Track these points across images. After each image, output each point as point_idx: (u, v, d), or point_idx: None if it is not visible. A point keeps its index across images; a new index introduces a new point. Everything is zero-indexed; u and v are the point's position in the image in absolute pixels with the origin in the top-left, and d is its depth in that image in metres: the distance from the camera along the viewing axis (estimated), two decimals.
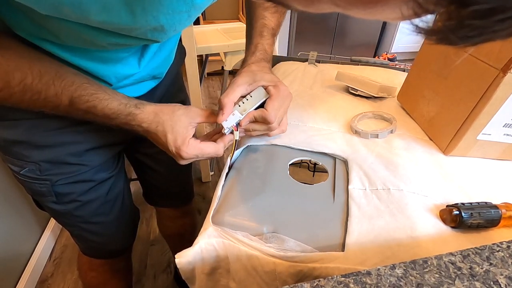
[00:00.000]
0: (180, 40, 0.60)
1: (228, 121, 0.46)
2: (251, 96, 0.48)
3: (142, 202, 0.87)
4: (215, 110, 0.48)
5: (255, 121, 0.49)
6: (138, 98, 0.56)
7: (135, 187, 1.07)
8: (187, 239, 1.01)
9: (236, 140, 0.48)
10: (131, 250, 0.82)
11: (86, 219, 0.61)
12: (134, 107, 0.44)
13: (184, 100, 0.72)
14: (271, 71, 0.52)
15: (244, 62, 0.52)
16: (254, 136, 0.53)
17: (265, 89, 0.49)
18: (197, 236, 0.39)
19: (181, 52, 0.67)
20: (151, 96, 0.59)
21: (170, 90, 0.65)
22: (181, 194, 0.87)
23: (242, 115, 0.47)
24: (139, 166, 0.76)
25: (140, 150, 0.71)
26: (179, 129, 0.45)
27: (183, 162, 0.48)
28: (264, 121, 0.48)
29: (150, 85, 0.57)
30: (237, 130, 0.47)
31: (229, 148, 0.50)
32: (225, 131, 0.47)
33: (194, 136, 0.48)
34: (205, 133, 0.53)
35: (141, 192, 0.85)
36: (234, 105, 0.47)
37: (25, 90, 0.37)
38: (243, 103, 0.47)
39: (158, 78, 0.57)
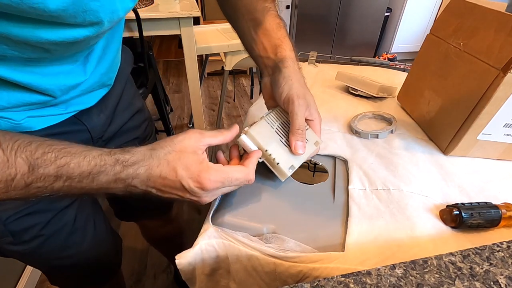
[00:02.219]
0: (123, 43, 0.55)
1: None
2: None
3: None
4: (223, 130, 0.40)
5: None
6: (89, 109, 0.48)
7: None
8: (177, 243, 0.96)
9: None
10: (119, 273, 0.74)
11: (56, 254, 0.52)
12: (121, 152, 0.34)
13: (141, 108, 0.65)
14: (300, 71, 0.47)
15: (278, 72, 0.44)
16: None
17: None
18: (187, 239, 0.39)
19: (126, 56, 0.60)
20: (105, 106, 0.52)
21: (125, 97, 0.59)
22: (160, 205, 0.79)
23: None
24: None
25: None
26: (188, 156, 0.35)
27: (206, 198, 0.36)
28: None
29: (101, 94, 0.50)
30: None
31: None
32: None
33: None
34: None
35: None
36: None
37: None
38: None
39: (107, 85, 0.51)
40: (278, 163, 0.41)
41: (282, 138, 0.44)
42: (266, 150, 0.41)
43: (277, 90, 0.44)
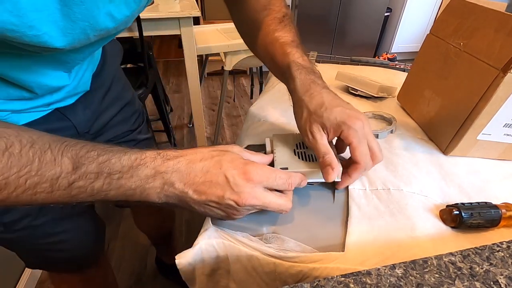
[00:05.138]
0: (121, 42, 0.59)
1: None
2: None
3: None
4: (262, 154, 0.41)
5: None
6: (73, 104, 0.49)
7: None
8: (166, 231, 1.00)
9: None
10: (103, 259, 0.77)
11: (42, 240, 0.54)
12: (164, 149, 0.35)
13: (131, 100, 0.65)
14: (324, 83, 0.44)
15: (294, 97, 0.43)
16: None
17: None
18: (174, 225, 0.38)
19: (114, 48, 0.60)
20: (90, 101, 0.52)
21: (113, 91, 0.59)
22: None
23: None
24: None
25: None
26: (233, 154, 0.35)
27: (246, 201, 0.33)
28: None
29: (81, 93, 0.51)
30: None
31: None
32: None
33: None
34: (206, 135, 0.48)
35: None
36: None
37: (11, 163, 0.27)
38: None
39: (86, 87, 0.51)
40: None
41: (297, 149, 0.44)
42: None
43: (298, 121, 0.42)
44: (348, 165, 0.40)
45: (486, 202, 0.40)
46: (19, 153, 0.27)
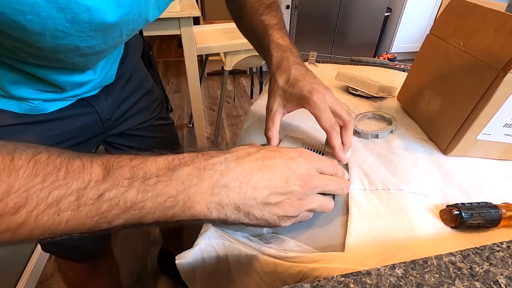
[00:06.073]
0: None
1: None
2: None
3: None
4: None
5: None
6: (97, 93, 0.54)
7: None
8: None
9: None
10: (108, 251, 0.82)
11: None
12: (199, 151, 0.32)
13: (151, 89, 0.70)
14: (297, 60, 0.46)
15: (270, 73, 0.47)
16: None
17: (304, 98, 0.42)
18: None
19: (135, 41, 0.65)
20: (112, 90, 0.58)
21: (133, 81, 0.64)
22: None
23: None
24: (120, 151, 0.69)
25: (121, 131, 0.66)
26: (272, 147, 0.36)
27: (309, 178, 0.32)
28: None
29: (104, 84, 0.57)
30: None
31: None
32: None
33: None
34: (206, 135, 0.50)
35: None
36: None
37: (36, 171, 0.23)
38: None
39: (111, 80, 0.57)
40: None
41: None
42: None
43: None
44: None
45: (486, 202, 0.40)
46: (46, 161, 0.24)
